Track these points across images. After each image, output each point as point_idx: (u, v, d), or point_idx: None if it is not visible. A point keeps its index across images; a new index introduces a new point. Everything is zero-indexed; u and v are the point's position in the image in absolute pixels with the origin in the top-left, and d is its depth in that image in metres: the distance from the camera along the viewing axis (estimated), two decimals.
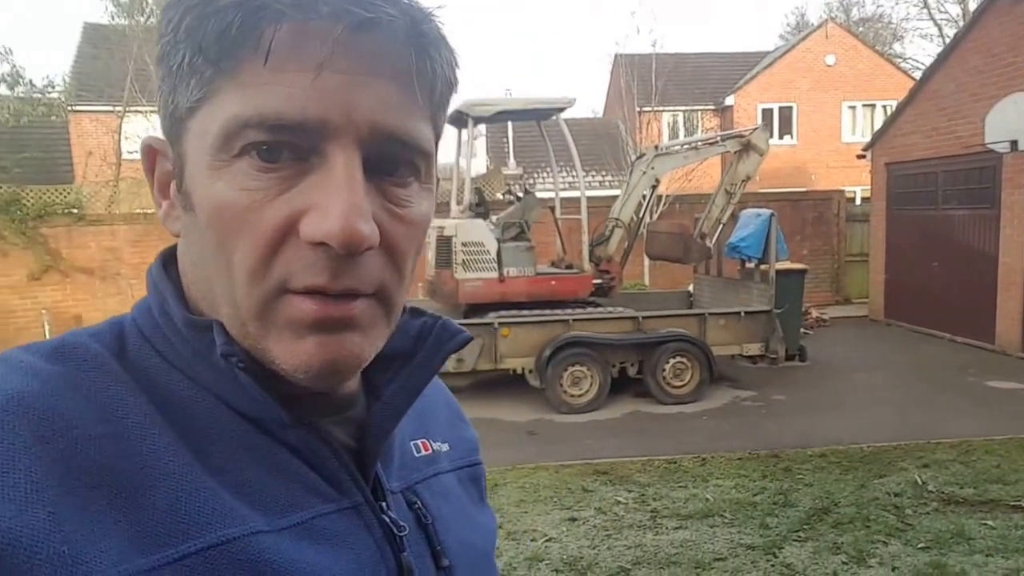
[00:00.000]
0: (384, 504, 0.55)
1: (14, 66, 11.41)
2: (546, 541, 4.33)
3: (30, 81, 11.53)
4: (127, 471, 0.44)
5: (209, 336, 0.49)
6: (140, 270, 9.84)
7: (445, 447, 0.67)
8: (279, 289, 0.46)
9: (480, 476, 0.73)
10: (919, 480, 5.10)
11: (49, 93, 11.75)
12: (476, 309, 7.61)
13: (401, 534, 0.54)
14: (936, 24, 30.04)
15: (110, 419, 0.46)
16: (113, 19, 13.44)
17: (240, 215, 0.46)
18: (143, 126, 12.74)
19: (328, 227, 0.44)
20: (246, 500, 0.48)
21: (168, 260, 0.56)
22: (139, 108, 13.02)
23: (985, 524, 4.39)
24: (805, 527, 4.45)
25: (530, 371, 7.34)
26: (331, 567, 0.49)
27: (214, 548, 0.45)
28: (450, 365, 6.96)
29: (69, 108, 12.07)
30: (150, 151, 0.53)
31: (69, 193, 11.36)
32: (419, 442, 0.64)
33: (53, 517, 0.40)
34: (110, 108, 13.65)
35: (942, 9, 30.26)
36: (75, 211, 10.92)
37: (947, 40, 17.72)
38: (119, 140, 13.11)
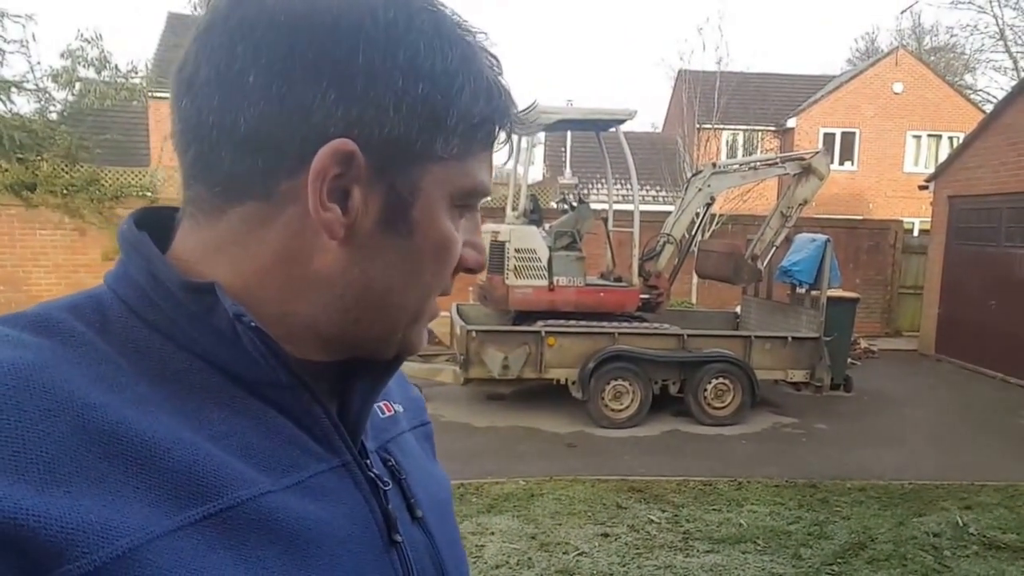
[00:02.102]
0: (368, 462, 0.59)
1: (102, 51, 11.95)
2: (578, 555, 4.39)
3: (115, 66, 12.05)
4: (139, 436, 0.45)
5: (209, 299, 0.51)
6: None
7: (401, 408, 0.72)
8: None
9: (431, 434, 0.79)
10: (960, 522, 5.04)
11: (132, 78, 12.24)
12: (524, 316, 7.72)
13: (386, 488, 0.59)
14: (1011, 56, 29.02)
15: (111, 390, 0.46)
16: (196, 10, 13.98)
17: (455, 248, 0.58)
18: None
19: (480, 259, 0.62)
20: (251, 463, 0.50)
21: (140, 223, 0.56)
22: None
23: None
24: (839, 561, 4.44)
25: (573, 382, 7.40)
26: (331, 521, 0.53)
27: (231, 509, 0.47)
28: (496, 371, 7.11)
29: (149, 94, 12.53)
30: (349, 157, 0.51)
31: (144, 176, 11.80)
32: (382, 404, 0.69)
33: (70, 494, 0.41)
34: None
35: (1019, 42, 29.19)
36: (149, 194, 11.32)
37: (1022, 73, 17.20)
38: None
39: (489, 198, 0.67)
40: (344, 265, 0.53)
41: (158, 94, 14.76)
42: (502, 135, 0.58)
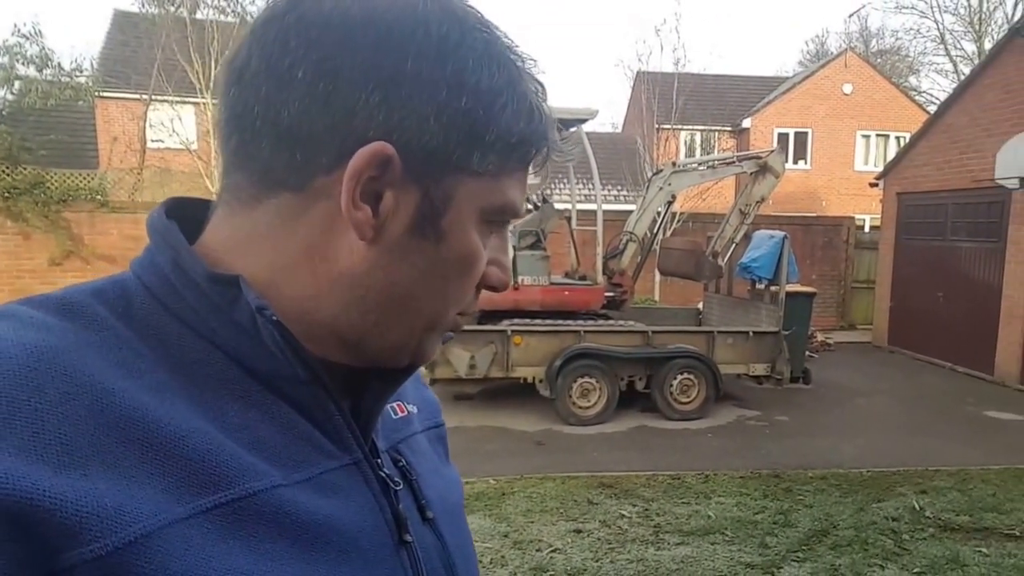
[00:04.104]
0: (379, 461, 0.60)
1: (43, 48, 11.53)
2: (551, 552, 4.41)
3: (58, 64, 11.63)
4: (156, 423, 0.46)
5: (233, 291, 0.51)
6: None
7: (415, 409, 0.73)
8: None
9: (444, 436, 0.79)
10: (917, 506, 5.22)
11: (77, 77, 11.84)
12: (489, 316, 7.72)
13: (396, 488, 0.59)
14: (952, 60, 30.24)
15: (130, 375, 0.47)
16: (143, 7, 13.61)
17: (480, 263, 0.58)
18: (168, 115, 12.88)
19: (504, 278, 0.61)
20: (263, 456, 0.51)
21: (170, 212, 0.56)
22: (165, 97, 13.15)
23: (979, 551, 4.51)
24: (804, 548, 4.56)
25: (540, 381, 7.43)
26: (340, 517, 0.53)
27: (242, 500, 0.48)
28: (463, 371, 7.10)
29: (96, 93, 12.16)
30: (386, 161, 0.51)
31: (93, 179, 11.40)
32: (395, 405, 0.70)
33: (87, 477, 0.42)
34: (137, 96, 13.70)
35: (958, 46, 30.51)
36: (98, 197, 10.97)
37: (962, 76, 17.87)
38: (144, 127, 13.17)
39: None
40: (369, 266, 0.54)
41: (105, 93, 14.29)
42: (538, 158, 0.59)
